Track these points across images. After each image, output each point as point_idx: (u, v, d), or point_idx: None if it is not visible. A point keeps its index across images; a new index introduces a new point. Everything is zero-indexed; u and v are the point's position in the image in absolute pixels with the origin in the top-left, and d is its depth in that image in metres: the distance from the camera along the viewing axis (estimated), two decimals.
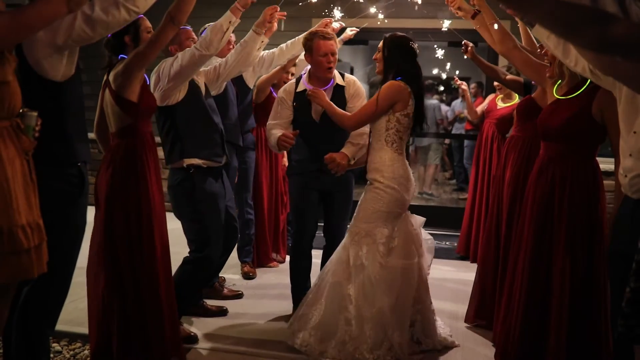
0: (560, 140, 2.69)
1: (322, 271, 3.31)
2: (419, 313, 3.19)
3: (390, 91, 3.12)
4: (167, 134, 3.30)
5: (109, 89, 2.77)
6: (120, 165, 2.75)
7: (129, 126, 2.78)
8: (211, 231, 3.28)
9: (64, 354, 3.17)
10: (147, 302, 2.75)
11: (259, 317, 3.74)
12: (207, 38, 3.16)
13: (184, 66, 3.15)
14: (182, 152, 3.26)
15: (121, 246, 2.72)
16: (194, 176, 3.25)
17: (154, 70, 3.28)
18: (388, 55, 3.21)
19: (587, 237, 2.59)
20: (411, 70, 3.19)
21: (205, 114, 3.34)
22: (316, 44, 3.40)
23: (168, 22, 2.64)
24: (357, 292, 3.08)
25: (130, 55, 2.71)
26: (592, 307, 2.59)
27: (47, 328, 2.60)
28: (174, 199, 3.32)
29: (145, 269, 2.75)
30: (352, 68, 8.83)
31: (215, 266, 3.54)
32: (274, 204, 4.85)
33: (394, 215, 3.16)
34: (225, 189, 3.45)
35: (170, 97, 3.23)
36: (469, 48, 4.18)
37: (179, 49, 3.35)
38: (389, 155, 3.16)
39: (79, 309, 3.46)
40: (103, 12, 2.30)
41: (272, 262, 4.91)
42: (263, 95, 4.62)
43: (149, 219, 2.76)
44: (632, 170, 2.15)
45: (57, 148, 2.42)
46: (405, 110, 3.15)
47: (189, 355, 3.15)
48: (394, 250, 3.11)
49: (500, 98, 5.31)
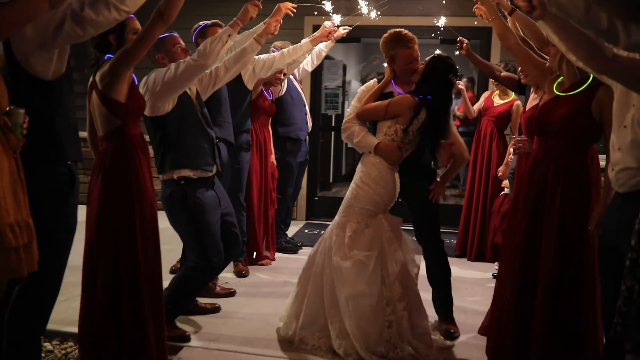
0: (557, 136, 2.71)
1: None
2: (394, 314, 3.15)
3: (400, 104, 3.26)
4: (159, 145, 3.26)
5: (96, 89, 2.68)
6: (110, 170, 2.67)
7: (118, 128, 2.68)
8: (208, 240, 3.27)
9: (56, 353, 3.16)
10: (137, 305, 2.70)
11: (251, 315, 3.74)
12: (206, 50, 3.14)
13: (178, 77, 3.11)
14: (173, 164, 3.23)
15: (114, 253, 2.66)
16: (184, 187, 3.24)
17: (142, 81, 3.21)
18: (426, 74, 3.28)
19: (578, 232, 2.60)
20: (437, 97, 3.26)
21: (195, 124, 3.30)
22: (400, 55, 3.33)
23: (157, 19, 2.55)
24: (326, 281, 3.20)
25: (117, 53, 2.62)
26: (580, 303, 2.60)
27: (38, 327, 2.58)
28: (169, 212, 3.31)
29: (141, 272, 2.70)
30: (345, 66, 8.82)
31: (219, 272, 3.53)
32: (264, 201, 4.86)
33: (367, 213, 3.26)
34: (219, 197, 3.42)
35: (159, 108, 3.19)
36: (464, 44, 4.19)
37: (167, 56, 3.30)
38: (375, 157, 3.29)
39: (71, 308, 3.45)
40: (93, 11, 2.28)
41: (265, 259, 4.92)
42: (254, 94, 4.64)
43: (143, 225, 2.71)
44: (619, 163, 2.17)
45: (47, 147, 2.40)
46: (405, 125, 3.24)
47: (182, 354, 3.15)
48: (359, 245, 3.19)
49: (497, 95, 5.30)
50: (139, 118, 2.83)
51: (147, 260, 2.72)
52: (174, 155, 3.23)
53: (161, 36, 3.29)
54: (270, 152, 4.91)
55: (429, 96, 3.24)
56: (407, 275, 3.25)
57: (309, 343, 3.21)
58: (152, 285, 2.75)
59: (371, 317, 3.09)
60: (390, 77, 3.41)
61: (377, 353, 3.05)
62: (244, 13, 3.39)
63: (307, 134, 5.39)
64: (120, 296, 2.68)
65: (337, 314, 3.15)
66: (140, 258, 2.69)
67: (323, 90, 7.29)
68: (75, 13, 2.26)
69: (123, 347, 2.69)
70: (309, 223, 6.76)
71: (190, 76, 3.16)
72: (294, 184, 5.38)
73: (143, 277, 2.70)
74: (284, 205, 5.31)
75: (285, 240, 5.44)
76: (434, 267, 3.52)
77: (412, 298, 3.25)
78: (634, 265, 1.70)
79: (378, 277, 3.16)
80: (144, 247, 2.70)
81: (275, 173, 4.99)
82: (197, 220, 3.25)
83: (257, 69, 4.25)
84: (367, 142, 3.32)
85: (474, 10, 3.81)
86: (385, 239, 3.22)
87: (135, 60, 2.60)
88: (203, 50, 3.15)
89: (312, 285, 3.28)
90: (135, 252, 2.68)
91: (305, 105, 5.36)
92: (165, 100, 3.17)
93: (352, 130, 3.39)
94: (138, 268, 2.69)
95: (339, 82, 7.76)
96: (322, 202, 7.07)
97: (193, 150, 3.27)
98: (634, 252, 1.70)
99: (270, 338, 3.37)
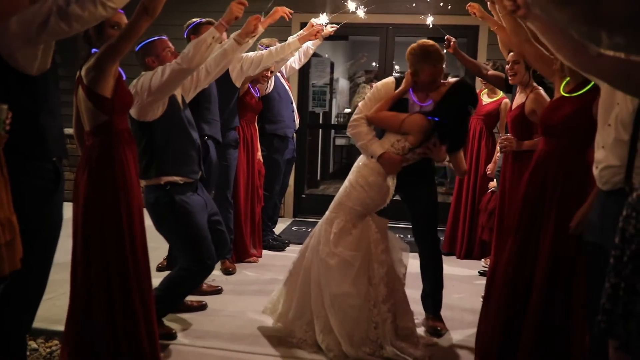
0: (560, 136, 2.75)
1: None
2: (380, 315, 3.16)
3: (414, 124, 3.24)
4: (145, 150, 3.21)
5: (81, 84, 2.65)
6: (97, 165, 2.65)
7: (104, 123, 2.65)
8: (201, 243, 3.25)
9: (41, 351, 3.14)
10: (125, 305, 2.69)
11: (238, 313, 3.73)
12: (189, 53, 3.08)
13: (165, 81, 3.07)
14: (159, 170, 3.20)
15: (102, 249, 2.64)
16: (171, 192, 3.21)
17: (132, 84, 3.15)
18: (447, 97, 3.27)
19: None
20: (451, 124, 3.25)
21: (183, 130, 3.28)
22: (425, 71, 3.26)
23: (141, 13, 2.48)
24: (314, 276, 3.23)
25: (102, 48, 2.58)
26: (571, 300, 2.63)
27: (23, 325, 2.56)
28: (155, 217, 3.27)
29: (129, 269, 2.69)
30: (333, 63, 8.83)
31: (210, 273, 3.51)
32: (250, 199, 4.85)
33: (356, 213, 3.27)
34: (205, 199, 3.41)
35: (148, 112, 3.15)
36: (451, 43, 4.21)
37: (156, 60, 3.25)
38: (375, 162, 3.28)
39: (57, 306, 3.43)
40: (79, 7, 2.24)
41: (252, 257, 4.91)
42: (241, 91, 4.63)
43: (130, 221, 2.70)
44: (602, 162, 2.19)
45: (31, 143, 2.37)
46: (414, 145, 3.26)
47: (168, 352, 3.14)
48: (344, 243, 3.20)
49: (485, 93, 5.30)
50: (125, 113, 2.80)
51: (135, 256, 2.70)
52: (161, 162, 3.20)
53: (150, 40, 3.26)
54: (257, 150, 4.90)
55: (445, 120, 3.22)
56: (393, 276, 3.27)
57: (296, 336, 3.24)
58: (141, 282, 2.74)
59: (356, 318, 3.11)
60: (410, 87, 3.35)
61: (361, 351, 3.07)
62: (228, 13, 3.25)
63: (294, 131, 5.39)
64: (110, 294, 2.65)
65: (322, 309, 3.17)
66: (128, 254, 2.67)
67: (310, 88, 7.29)
68: (61, 9, 2.24)
69: (116, 345, 2.66)
70: (296, 220, 6.76)
71: (175, 81, 3.11)
72: (281, 181, 5.37)
73: (132, 274, 2.68)
74: (271, 203, 5.30)
75: (273, 238, 5.44)
76: (429, 265, 3.53)
77: (398, 300, 3.27)
78: (617, 262, 1.72)
79: (364, 278, 3.17)
80: (131, 243, 2.69)
81: (261, 170, 4.99)
82: (188, 225, 3.22)
83: (244, 66, 4.25)
84: (372, 148, 3.29)
85: (467, 8, 3.84)
86: (372, 241, 3.23)
87: (120, 55, 2.57)
88: (187, 53, 3.09)
89: (302, 278, 3.29)
90: (122, 248, 2.66)
91: (293, 103, 5.35)
92: (154, 105, 3.14)
93: (360, 131, 3.35)
94: (126, 264, 2.67)
95: (326, 79, 7.76)
96: (309, 200, 7.07)
97: (180, 158, 3.24)
98: (617, 249, 1.72)
99: (257, 335, 3.37)
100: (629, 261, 1.68)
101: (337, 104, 10.18)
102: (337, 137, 10.06)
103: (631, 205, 1.66)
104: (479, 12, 3.89)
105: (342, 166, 9.98)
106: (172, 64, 3.11)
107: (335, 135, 10.03)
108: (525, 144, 3.82)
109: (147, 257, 2.81)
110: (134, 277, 2.69)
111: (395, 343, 3.14)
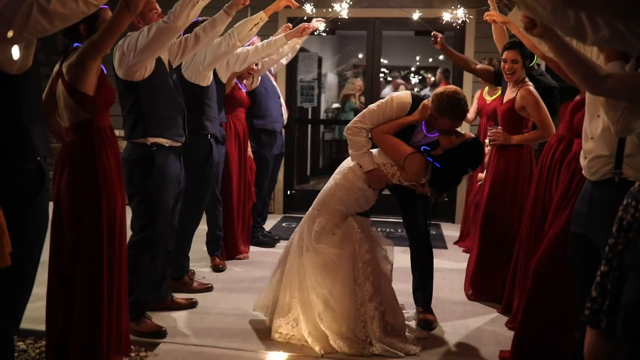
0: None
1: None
2: (367, 314, 3.16)
3: (414, 164, 3.22)
4: (130, 110, 3.22)
5: (62, 80, 2.62)
6: (77, 165, 2.62)
7: (85, 121, 2.63)
8: (160, 211, 3.25)
9: (29, 352, 3.11)
10: (96, 301, 2.70)
11: (229, 310, 3.73)
12: (175, 11, 3.07)
13: (151, 39, 3.05)
14: (145, 131, 3.20)
15: (79, 248, 2.64)
16: (155, 154, 3.20)
17: (118, 45, 3.15)
18: (454, 150, 3.24)
19: None
20: (446, 173, 3.24)
21: (170, 93, 3.29)
22: (445, 122, 3.20)
23: (123, 9, 2.47)
24: (299, 272, 3.25)
25: (84, 44, 2.56)
26: None
27: (10, 326, 2.53)
28: (129, 174, 3.21)
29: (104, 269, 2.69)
30: (321, 58, 8.80)
31: (163, 251, 3.45)
32: (242, 195, 4.83)
33: (338, 213, 3.29)
34: (182, 169, 3.42)
35: (135, 73, 3.14)
36: (438, 39, 4.21)
37: (142, 21, 3.25)
38: (364, 174, 3.30)
39: (45, 306, 3.39)
40: (60, 4, 2.22)
41: (242, 253, 4.89)
42: (229, 87, 4.61)
43: (111, 223, 2.69)
44: (592, 152, 2.24)
45: (14, 143, 2.34)
46: (405, 180, 3.29)
47: (159, 350, 3.13)
48: (325, 241, 3.23)
49: (487, 92, 5.33)
50: (107, 110, 2.78)
51: (111, 256, 2.71)
52: (146, 124, 3.20)
53: None
54: (247, 145, 4.89)
55: (440, 167, 3.22)
56: (379, 274, 3.28)
57: (282, 332, 3.24)
58: (114, 281, 2.75)
59: (341, 316, 3.13)
60: (424, 120, 3.32)
61: (349, 347, 3.08)
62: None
63: (282, 125, 5.36)
64: (86, 290, 2.67)
65: (309, 306, 3.19)
66: (105, 254, 2.68)
67: (298, 83, 7.26)
68: (41, 6, 2.20)
69: (94, 338, 2.70)
70: (286, 216, 6.75)
71: (162, 39, 3.08)
72: (270, 177, 5.36)
73: (109, 271, 2.70)
74: (260, 199, 5.29)
75: (263, 234, 5.42)
76: (419, 257, 3.54)
77: (386, 297, 3.28)
78: (610, 250, 1.72)
79: (349, 277, 3.18)
80: (109, 243, 2.69)
81: (253, 166, 4.98)
82: (156, 188, 3.21)
83: (231, 62, 4.26)
84: (363, 161, 3.29)
85: (485, 19, 3.84)
86: (356, 241, 3.24)
87: (103, 51, 2.55)
88: (173, 12, 3.09)
89: (287, 274, 3.31)
90: (100, 248, 2.67)
91: (280, 97, 5.33)
92: (141, 64, 3.13)
93: (357, 140, 3.33)
94: (101, 264, 2.67)
95: (314, 74, 7.73)
96: (299, 196, 7.06)
97: (166, 122, 3.25)
98: (612, 238, 1.72)
99: (248, 332, 3.37)
100: (624, 249, 1.68)
101: (326, 99, 10.16)
102: (326, 132, 10.05)
103: (632, 194, 1.67)
104: (499, 18, 3.86)
105: (332, 161, 9.97)
106: (159, 22, 3.10)
107: (325, 130, 10.02)
108: (514, 138, 3.83)
109: (125, 256, 2.82)
110: (107, 278, 2.70)
111: (384, 339, 3.15)
